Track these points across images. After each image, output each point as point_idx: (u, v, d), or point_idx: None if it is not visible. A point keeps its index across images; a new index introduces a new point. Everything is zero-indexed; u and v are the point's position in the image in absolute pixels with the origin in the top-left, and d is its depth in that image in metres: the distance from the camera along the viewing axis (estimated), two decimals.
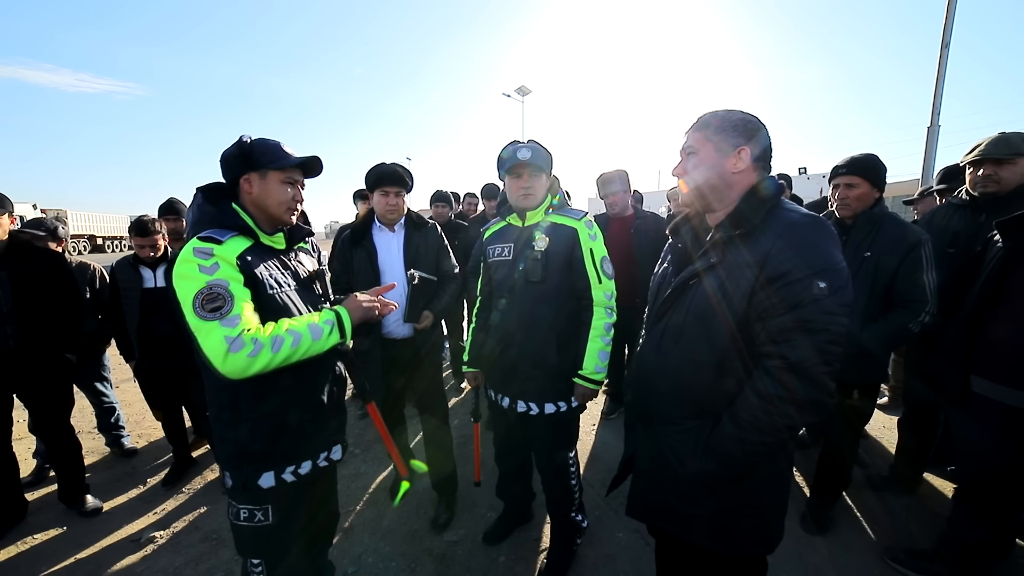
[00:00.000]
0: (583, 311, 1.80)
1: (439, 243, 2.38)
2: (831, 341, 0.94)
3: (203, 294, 1.09)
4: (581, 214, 1.83)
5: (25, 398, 2.37)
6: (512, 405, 1.86)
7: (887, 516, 2.33)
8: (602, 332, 1.76)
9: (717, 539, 1.14)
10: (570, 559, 2.03)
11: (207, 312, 1.08)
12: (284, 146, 1.30)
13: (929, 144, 6.09)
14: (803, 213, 1.03)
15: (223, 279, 1.12)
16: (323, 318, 1.23)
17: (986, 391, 1.62)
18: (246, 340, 1.08)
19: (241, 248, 1.21)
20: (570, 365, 1.78)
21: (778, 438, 1.00)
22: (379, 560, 2.12)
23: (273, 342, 1.10)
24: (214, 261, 1.13)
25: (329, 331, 1.21)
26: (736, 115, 1.11)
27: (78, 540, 2.30)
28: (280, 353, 1.11)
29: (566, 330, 1.79)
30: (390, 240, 2.26)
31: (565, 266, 1.77)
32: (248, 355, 1.07)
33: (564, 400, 1.82)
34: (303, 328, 1.17)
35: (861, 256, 1.93)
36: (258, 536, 1.31)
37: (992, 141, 1.99)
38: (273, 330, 1.13)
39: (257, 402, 1.24)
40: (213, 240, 1.16)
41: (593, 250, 1.77)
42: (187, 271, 1.12)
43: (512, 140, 1.82)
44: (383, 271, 2.22)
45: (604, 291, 1.77)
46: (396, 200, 2.20)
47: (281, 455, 1.30)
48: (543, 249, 1.76)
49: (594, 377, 1.74)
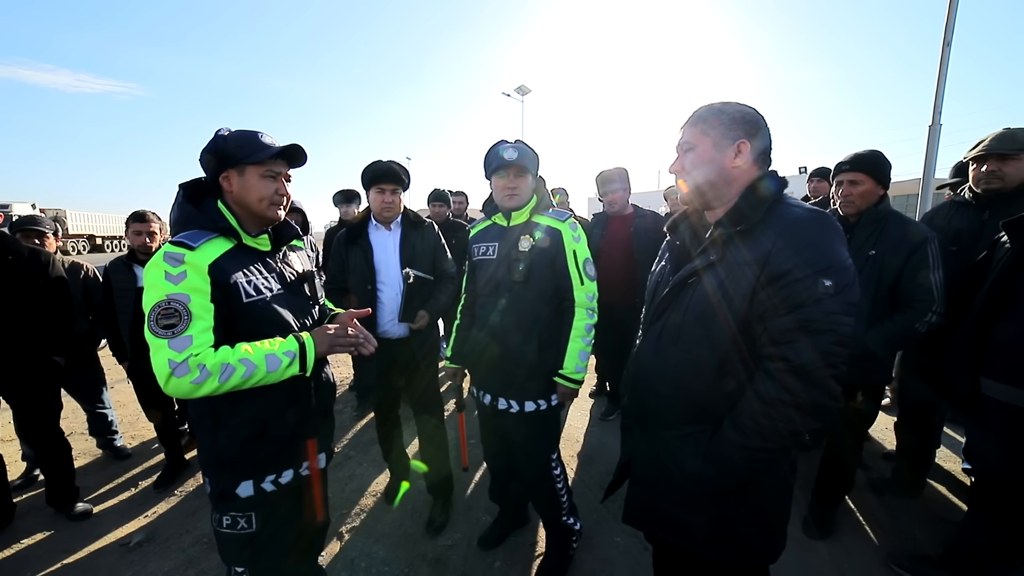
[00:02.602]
0: (565, 312, 1.81)
1: (436, 242, 2.35)
2: (837, 342, 0.89)
3: (160, 307, 1.05)
4: (565, 215, 1.83)
5: (11, 400, 2.33)
6: (493, 402, 1.88)
7: (890, 520, 2.29)
8: (583, 333, 1.78)
9: (717, 548, 1.09)
10: (566, 564, 1.99)
11: (159, 328, 1.04)
12: (262, 136, 1.22)
13: (931, 143, 6.04)
14: (807, 209, 0.99)
15: (185, 292, 1.07)
16: (284, 348, 1.15)
17: (996, 393, 1.58)
18: (191, 366, 1.03)
19: (217, 253, 1.15)
20: (552, 364, 1.79)
21: (781, 444, 0.96)
22: (372, 565, 2.08)
23: (222, 370, 1.05)
24: (182, 269, 1.08)
25: (288, 363, 1.14)
26: (734, 107, 1.06)
27: (66, 544, 2.26)
28: (228, 383, 1.06)
29: (548, 329, 1.81)
30: (386, 239, 2.23)
31: (548, 266, 1.77)
32: (192, 381, 1.03)
33: (544, 398, 1.83)
34: (259, 358, 1.10)
35: (865, 255, 1.89)
36: (242, 544, 1.26)
37: (996, 137, 1.95)
38: (225, 357, 1.07)
39: (235, 408, 1.19)
40: (185, 245, 1.11)
41: (576, 252, 1.78)
42: (153, 278, 1.08)
43: (499, 140, 1.82)
44: (379, 270, 2.19)
45: (586, 292, 1.78)
46: (392, 198, 2.18)
47: (261, 464, 1.25)
48: (527, 249, 1.76)
49: (574, 376, 1.77)
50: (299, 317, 1.31)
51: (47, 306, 2.34)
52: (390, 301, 2.19)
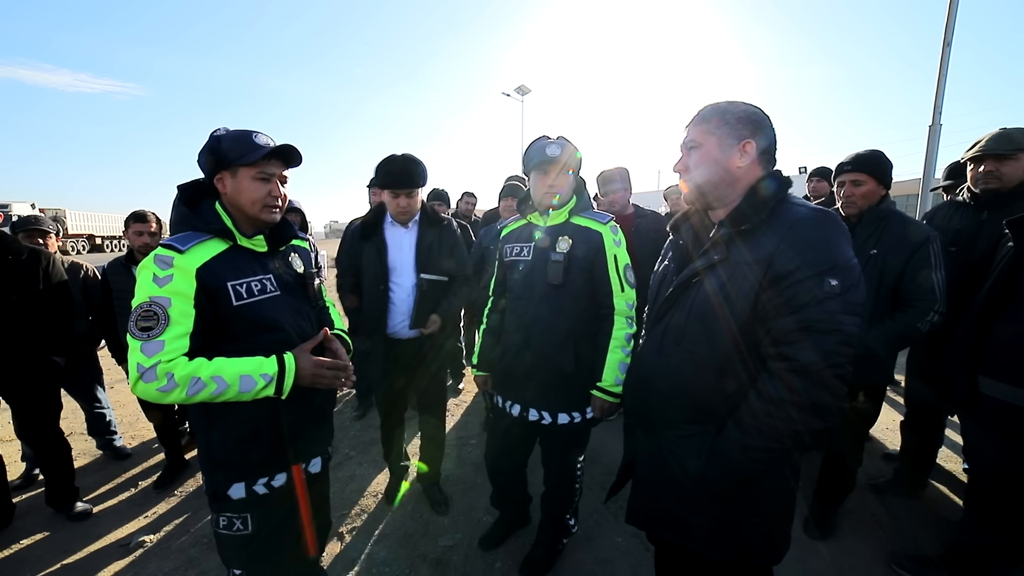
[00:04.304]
0: (602, 319, 1.71)
1: (454, 242, 2.24)
2: (843, 342, 0.89)
3: (141, 309, 1.05)
4: (607, 218, 1.74)
5: (10, 401, 2.32)
6: (523, 413, 1.78)
7: (891, 520, 2.29)
8: (622, 343, 1.67)
9: (720, 547, 1.09)
10: (555, 558, 2.03)
11: (137, 329, 1.04)
12: (256, 136, 1.19)
13: (931, 142, 6.04)
14: (812, 208, 0.98)
15: (167, 296, 1.07)
16: (261, 369, 1.11)
17: (995, 392, 1.58)
18: (159, 373, 1.02)
19: (209, 255, 1.14)
20: (587, 374, 1.69)
21: (785, 445, 0.95)
22: (373, 565, 2.07)
23: (191, 384, 1.04)
24: (170, 272, 1.08)
25: (263, 386, 1.11)
26: (739, 107, 1.06)
27: (65, 545, 2.25)
28: (196, 396, 1.05)
29: (584, 338, 1.71)
30: (402, 237, 2.14)
31: (587, 270, 1.68)
32: (158, 389, 1.03)
33: (579, 411, 1.74)
34: (232, 377, 1.08)
35: (867, 254, 1.88)
36: (239, 545, 1.25)
37: (993, 137, 1.94)
38: (196, 370, 1.05)
39: (227, 410, 1.17)
40: (175, 248, 1.10)
41: (617, 257, 1.68)
42: (143, 279, 1.08)
43: (541, 135, 1.72)
44: (392, 268, 2.11)
45: (626, 300, 1.68)
46: (407, 201, 2.05)
47: (253, 466, 1.23)
48: (566, 251, 1.67)
49: (613, 390, 1.65)
50: (295, 319, 1.29)
51: (47, 306, 2.33)
52: (401, 302, 2.12)
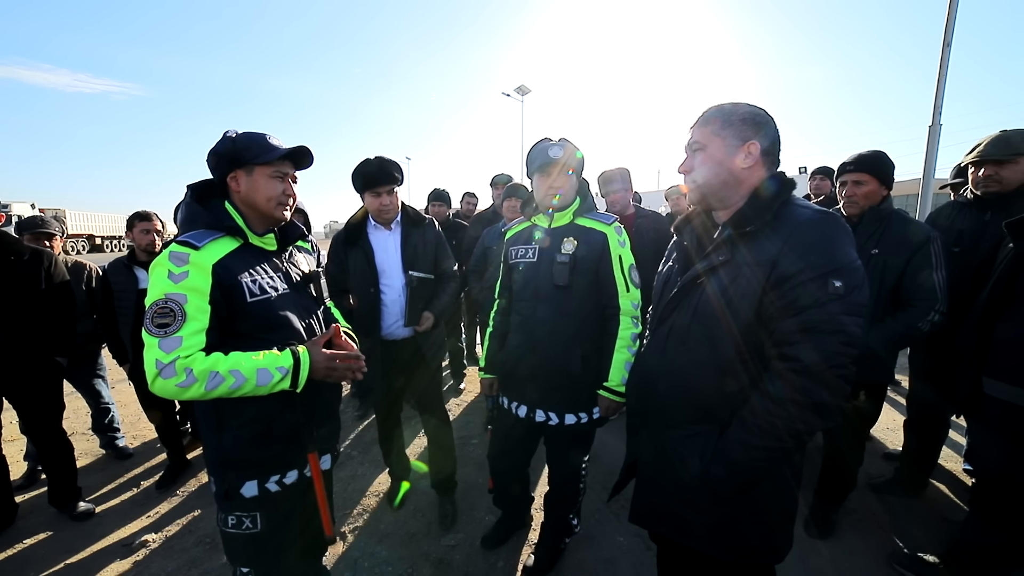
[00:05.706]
0: (608, 320, 1.72)
1: (437, 240, 2.31)
2: (846, 343, 0.90)
3: (157, 306, 1.06)
4: (611, 219, 1.74)
5: (13, 400, 2.33)
6: (530, 414, 1.79)
7: (892, 520, 2.29)
8: (628, 343, 1.67)
9: (723, 547, 1.10)
10: (557, 557, 2.04)
11: (154, 327, 1.05)
12: (270, 138, 1.24)
13: (931, 143, 6.04)
14: (816, 210, 0.99)
15: (183, 292, 1.07)
16: (277, 363, 1.13)
17: (998, 392, 1.58)
18: (178, 369, 1.03)
19: (223, 252, 1.16)
20: (594, 375, 1.70)
21: (784, 444, 0.96)
22: (375, 565, 2.08)
23: (210, 378, 1.05)
24: (186, 268, 1.09)
25: (279, 379, 1.12)
26: (743, 108, 1.07)
27: (68, 544, 2.25)
28: (215, 391, 1.06)
29: (590, 339, 1.72)
30: (386, 239, 2.19)
31: (592, 271, 1.69)
32: (177, 384, 1.03)
33: (585, 411, 1.75)
34: (249, 371, 1.09)
35: (868, 254, 1.89)
36: (247, 544, 1.26)
37: (992, 141, 1.95)
38: (214, 364, 1.06)
39: (239, 408, 1.18)
40: (191, 245, 1.12)
41: (622, 257, 1.69)
42: (156, 277, 1.09)
43: (543, 137, 1.73)
44: (381, 270, 2.15)
45: (631, 300, 1.69)
46: (389, 199, 2.11)
47: (265, 464, 1.25)
48: (571, 252, 1.68)
49: (619, 389, 1.65)
50: (304, 317, 1.32)
51: (49, 307, 2.33)
52: (393, 303, 2.16)
